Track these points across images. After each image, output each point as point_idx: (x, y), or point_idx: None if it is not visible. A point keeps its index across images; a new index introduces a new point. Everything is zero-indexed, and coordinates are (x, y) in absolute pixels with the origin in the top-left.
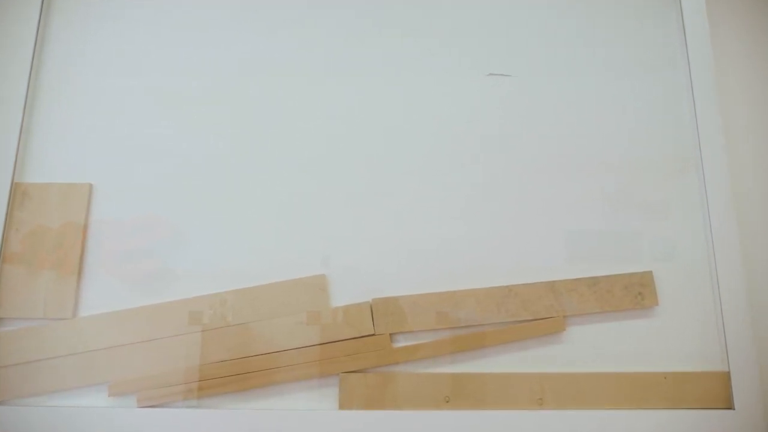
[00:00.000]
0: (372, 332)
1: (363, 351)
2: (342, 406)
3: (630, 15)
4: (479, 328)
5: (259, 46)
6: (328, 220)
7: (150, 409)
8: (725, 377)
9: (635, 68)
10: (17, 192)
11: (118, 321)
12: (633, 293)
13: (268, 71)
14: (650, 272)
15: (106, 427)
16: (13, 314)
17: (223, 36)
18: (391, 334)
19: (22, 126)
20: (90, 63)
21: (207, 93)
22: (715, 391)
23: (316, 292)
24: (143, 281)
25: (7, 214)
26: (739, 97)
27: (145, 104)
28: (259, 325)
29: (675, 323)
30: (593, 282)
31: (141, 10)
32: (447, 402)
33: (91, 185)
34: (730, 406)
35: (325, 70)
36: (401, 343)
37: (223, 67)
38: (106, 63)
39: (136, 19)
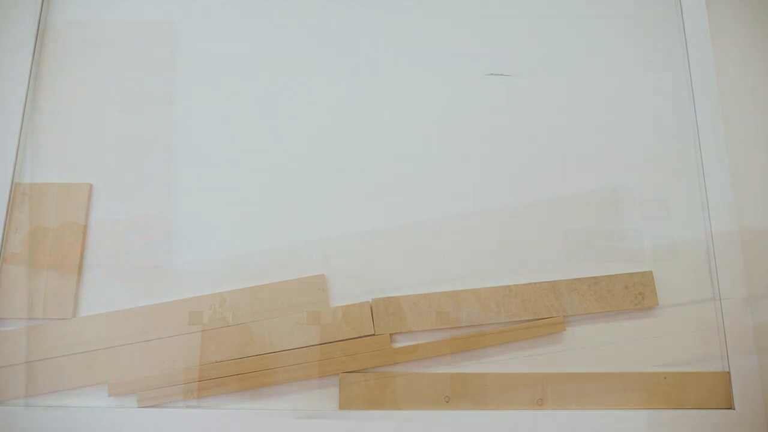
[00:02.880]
0: (372, 332)
1: (363, 351)
2: (342, 406)
3: (630, 15)
4: (479, 328)
5: (259, 45)
6: (328, 219)
7: (150, 409)
8: (725, 377)
9: (635, 68)
10: (17, 192)
11: (118, 321)
12: (633, 293)
13: (267, 70)
14: (650, 272)
15: (106, 427)
16: (13, 314)
17: (223, 34)
18: (391, 334)
19: (22, 126)
20: (90, 63)
21: (206, 92)
22: (715, 391)
23: (316, 292)
24: (143, 281)
25: (7, 214)
26: (739, 97)
27: (145, 104)
28: (259, 325)
29: (675, 323)
30: (594, 282)
31: (140, 9)
32: (447, 402)
33: (91, 185)
34: (730, 406)
35: (326, 69)
36: (401, 343)
37: (223, 65)
38: (105, 62)
39: (135, 19)
